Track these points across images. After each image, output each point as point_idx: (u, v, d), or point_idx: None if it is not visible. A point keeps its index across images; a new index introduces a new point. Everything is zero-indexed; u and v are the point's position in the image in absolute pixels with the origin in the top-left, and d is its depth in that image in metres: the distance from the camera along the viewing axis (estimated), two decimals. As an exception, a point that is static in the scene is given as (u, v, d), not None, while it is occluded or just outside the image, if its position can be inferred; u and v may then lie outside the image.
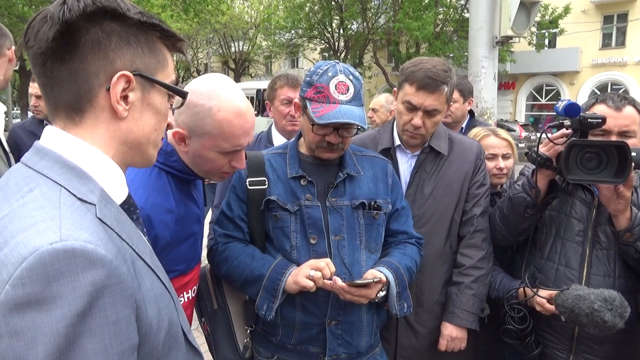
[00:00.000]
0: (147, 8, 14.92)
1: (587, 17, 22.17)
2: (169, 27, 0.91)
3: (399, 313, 1.72)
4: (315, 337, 1.73)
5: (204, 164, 1.50)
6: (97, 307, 0.70)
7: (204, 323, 1.83)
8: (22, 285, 0.66)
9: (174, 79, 0.96)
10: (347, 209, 1.74)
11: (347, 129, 1.67)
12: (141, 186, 1.41)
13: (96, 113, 0.86)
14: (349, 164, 1.79)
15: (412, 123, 1.94)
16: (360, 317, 1.74)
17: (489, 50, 5.41)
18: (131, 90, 0.86)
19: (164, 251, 1.46)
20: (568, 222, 1.88)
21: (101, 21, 0.83)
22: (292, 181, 1.74)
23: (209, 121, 1.40)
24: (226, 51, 30.94)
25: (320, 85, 1.62)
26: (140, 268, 0.84)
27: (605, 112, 1.76)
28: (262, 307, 1.65)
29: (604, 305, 1.60)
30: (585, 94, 22.64)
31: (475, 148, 2.12)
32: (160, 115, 0.93)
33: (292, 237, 1.72)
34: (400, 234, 1.88)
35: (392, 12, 21.99)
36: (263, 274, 1.65)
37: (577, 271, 1.82)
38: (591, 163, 1.68)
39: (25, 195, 0.77)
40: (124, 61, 0.85)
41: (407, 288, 1.76)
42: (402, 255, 1.80)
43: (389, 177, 1.87)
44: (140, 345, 0.80)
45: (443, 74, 1.89)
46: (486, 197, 2.09)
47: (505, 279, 2.07)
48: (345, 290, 1.58)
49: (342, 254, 1.71)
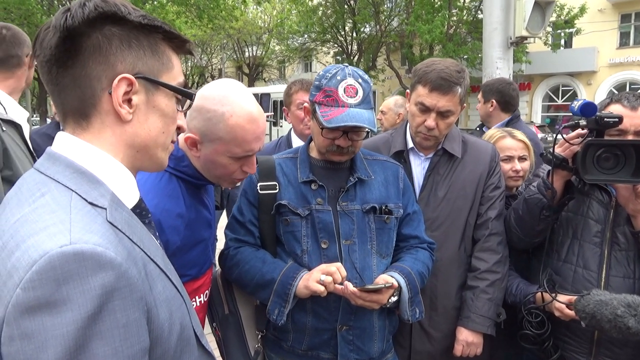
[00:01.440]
0: (161, 15, 15.12)
1: (603, 16, 21.84)
2: (172, 28, 0.91)
3: (410, 319, 1.70)
4: (326, 343, 1.71)
5: (215, 169, 1.50)
6: (107, 310, 0.70)
7: (216, 328, 1.83)
8: (32, 289, 0.67)
9: (182, 81, 0.95)
10: (358, 213, 1.72)
11: (356, 133, 1.66)
12: (152, 191, 1.42)
13: (101, 117, 0.87)
14: (359, 168, 1.78)
15: (425, 125, 1.93)
16: (372, 322, 1.72)
17: (503, 51, 5.36)
18: (134, 93, 0.87)
19: (175, 256, 1.46)
20: (585, 224, 1.84)
21: (102, 26, 0.83)
22: (302, 185, 1.74)
23: (221, 126, 1.41)
24: (240, 56, 31.18)
25: (329, 89, 1.62)
26: (151, 271, 0.84)
27: (620, 111, 1.72)
28: (274, 312, 1.64)
29: (627, 311, 1.57)
30: (602, 94, 22.28)
31: (489, 150, 2.09)
32: (167, 118, 0.93)
33: (303, 241, 1.71)
34: (412, 238, 1.85)
35: (405, 14, 21.95)
36: (274, 278, 1.64)
37: (595, 273, 1.79)
38: (608, 163, 1.65)
39: (37, 200, 0.78)
40: (125, 64, 0.85)
41: (419, 293, 1.73)
42: (414, 260, 1.78)
43: (400, 182, 1.85)
44: (151, 348, 0.80)
45: (456, 74, 1.87)
46: (501, 200, 2.06)
47: (522, 283, 2.03)
48: (356, 295, 1.57)
49: (353, 259, 1.69)
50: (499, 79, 4.28)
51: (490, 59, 5.42)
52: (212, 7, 16.70)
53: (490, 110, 3.62)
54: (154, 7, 14.94)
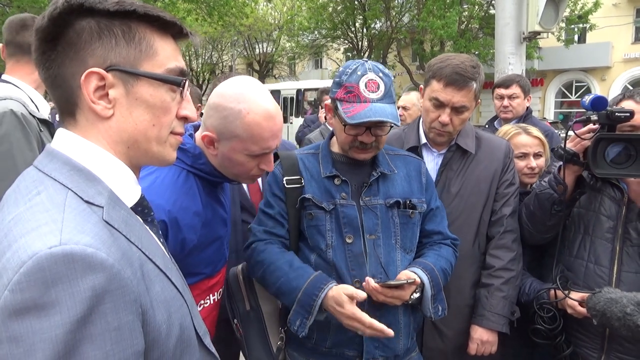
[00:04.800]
0: (172, 13, 15.06)
1: (618, 10, 21.49)
2: (152, 9, 0.84)
3: (433, 316, 1.66)
4: (351, 340, 1.65)
5: (233, 166, 1.50)
6: (97, 313, 0.68)
7: (237, 325, 1.80)
8: (20, 291, 0.65)
9: (175, 67, 0.88)
10: (381, 207, 1.69)
11: (380, 128, 1.63)
12: (169, 189, 1.42)
13: (85, 115, 0.84)
14: (382, 162, 1.75)
15: (439, 120, 1.91)
16: (398, 318, 1.68)
17: (516, 46, 5.31)
18: (111, 87, 0.82)
19: (191, 254, 1.47)
20: (597, 219, 1.83)
21: (72, 21, 0.80)
22: (326, 180, 1.71)
23: (238, 124, 1.40)
24: (250, 53, 31.21)
25: (350, 85, 1.59)
26: (149, 271, 0.82)
27: (633, 107, 1.71)
28: (295, 323, 1.58)
29: (637, 309, 1.57)
30: (617, 89, 21.94)
31: (503, 146, 2.07)
32: (155, 109, 0.86)
33: (328, 235, 1.67)
34: (435, 234, 1.82)
35: (415, 10, 21.79)
36: (299, 286, 1.57)
37: (607, 268, 1.78)
38: (619, 157, 1.64)
39: (32, 199, 0.76)
40: (95, 58, 0.81)
41: (441, 290, 1.69)
42: (437, 257, 1.74)
43: (422, 176, 1.81)
44: (148, 351, 0.78)
45: (471, 69, 1.86)
46: (515, 197, 2.05)
47: (535, 282, 2.03)
48: (378, 291, 1.55)
49: (377, 253, 1.66)
50: (518, 74, 4.25)
51: (503, 54, 5.37)
52: (222, 4, 16.69)
53: (527, 106, 3.62)
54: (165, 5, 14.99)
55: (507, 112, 3.63)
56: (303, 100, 18.06)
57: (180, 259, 1.36)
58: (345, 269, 1.64)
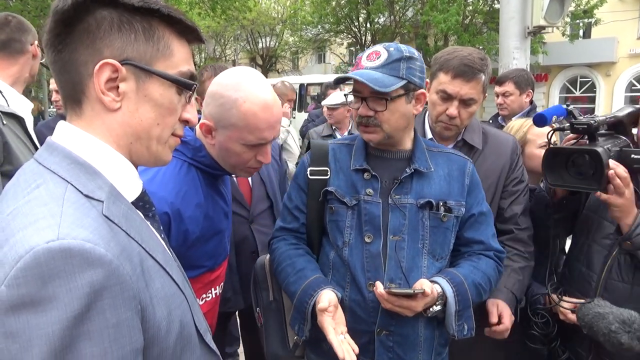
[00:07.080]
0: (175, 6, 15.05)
1: (624, 5, 21.33)
2: (176, 12, 0.85)
3: (456, 334, 1.49)
4: (365, 347, 1.53)
5: (230, 157, 1.49)
6: (95, 309, 0.67)
7: (259, 313, 1.77)
8: (16, 286, 0.64)
9: (186, 71, 0.89)
10: (411, 207, 1.55)
11: (375, 101, 1.50)
12: (171, 181, 1.42)
13: (91, 105, 0.83)
14: (418, 158, 1.60)
15: (447, 113, 1.87)
16: (417, 330, 1.54)
17: (520, 41, 5.26)
18: (122, 80, 0.82)
19: (193, 246, 1.47)
20: (600, 223, 1.80)
21: (94, 9, 0.80)
22: (354, 174, 1.61)
23: (234, 112, 1.39)
24: (253, 47, 31.13)
25: (358, 58, 1.57)
26: (149, 267, 0.81)
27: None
28: (294, 326, 1.55)
29: (621, 327, 1.56)
30: (622, 85, 21.86)
31: (510, 142, 2.04)
32: (162, 109, 0.87)
33: (346, 232, 1.58)
34: (475, 243, 1.65)
35: (419, 5, 21.70)
36: (296, 291, 1.53)
37: (596, 274, 1.75)
38: (573, 169, 1.66)
39: (31, 192, 0.75)
40: (112, 49, 0.81)
41: (470, 307, 1.52)
42: (473, 269, 1.57)
43: (466, 178, 1.64)
44: (147, 348, 0.77)
45: (480, 61, 1.82)
46: (525, 195, 2.02)
47: (534, 285, 2.02)
48: (384, 298, 1.43)
49: (399, 256, 1.52)
50: (518, 69, 4.21)
51: (507, 49, 5.32)
52: (225, -2, 16.66)
53: (527, 101, 3.59)
54: (168, -1, 14.97)
55: (503, 109, 3.64)
56: (306, 95, 18.03)
57: (183, 252, 1.36)
58: (360, 269, 1.54)
